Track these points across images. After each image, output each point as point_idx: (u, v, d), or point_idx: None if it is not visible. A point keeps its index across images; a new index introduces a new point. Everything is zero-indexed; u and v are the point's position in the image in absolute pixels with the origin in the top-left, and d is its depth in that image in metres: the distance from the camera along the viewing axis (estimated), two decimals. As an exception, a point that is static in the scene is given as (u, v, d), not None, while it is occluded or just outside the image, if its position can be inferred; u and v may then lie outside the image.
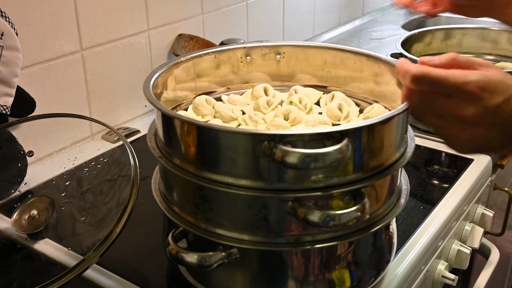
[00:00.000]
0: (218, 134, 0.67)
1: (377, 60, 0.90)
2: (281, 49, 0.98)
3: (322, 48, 0.96)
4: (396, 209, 0.78)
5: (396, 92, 0.86)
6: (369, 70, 0.92)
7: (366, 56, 0.91)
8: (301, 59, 0.98)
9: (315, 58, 0.97)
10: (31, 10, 1.07)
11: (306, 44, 0.97)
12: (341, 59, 0.95)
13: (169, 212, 0.77)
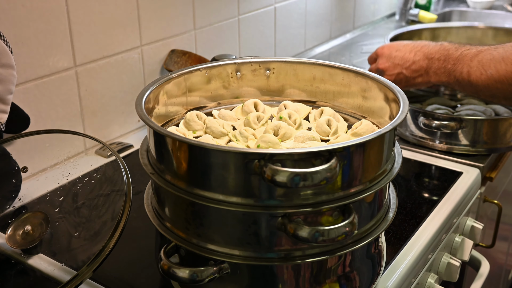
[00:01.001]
0: (209, 152, 0.68)
1: (365, 76, 0.92)
2: (271, 64, 0.99)
3: (311, 64, 0.98)
4: (385, 223, 0.79)
5: (384, 107, 0.88)
6: (357, 86, 0.93)
7: (354, 72, 0.93)
8: (290, 74, 0.99)
9: (304, 74, 0.98)
10: (26, 27, 1.09)
11: (295, 60, 0.99)
12: (330, 75, 0.96)
13: (161, 227, 0.79)
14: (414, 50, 1.24)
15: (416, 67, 1.23)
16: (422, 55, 1.22)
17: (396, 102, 0.82)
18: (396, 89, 0.84)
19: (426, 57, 1.21)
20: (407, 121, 1.32)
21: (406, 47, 1.26)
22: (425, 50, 1.22)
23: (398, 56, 1.25)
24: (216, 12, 1.55)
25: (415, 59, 1.23)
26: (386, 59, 1.28)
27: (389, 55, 1.27)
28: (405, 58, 1.24)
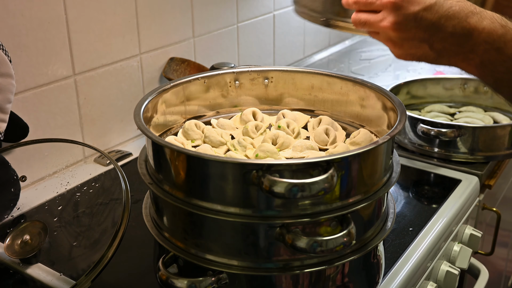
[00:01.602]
0: (207, 163, 0.68)
1: (363, 85, 0.92)
2: (269, 74, 1.00)
3: (309, 73, 0.98)
4: (383, 233, 0.79)
5: (382, 116, 0.88)
6: (355, 95, 0.94)
7: (352, 81, 0.93)
8: (288, 83, 1.00)
9: (302, 83, 0.99)
10: (25, 36, 1.09)
11: (293, 69, 0.99)
12: (328, 84, 0.97)
13: (159, 237, 0.79)
14: None
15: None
16: None
17: (394, 111, 0.82)
18: (394, 98, 0.84)
19: None
20: (406, 129, 1.32)
21: None
22: None
23: None
24: (215, 19, 1.55)
25: None
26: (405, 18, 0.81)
27: None
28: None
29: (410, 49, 0.79)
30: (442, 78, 1.52)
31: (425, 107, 1.48)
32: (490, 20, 0.75)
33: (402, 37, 0.78)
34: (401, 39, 0.79)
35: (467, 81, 1.51)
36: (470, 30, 0.75)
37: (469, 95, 1.51)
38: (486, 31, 0.74)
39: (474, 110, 1.45)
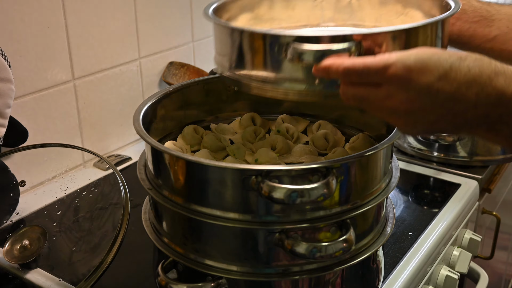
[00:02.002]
0: (206, 168, 0.68)
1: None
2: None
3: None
4: (383, 238, 0.79)
5: (381, 121, 0.88)
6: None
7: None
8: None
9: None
10: (24, 41, 1.09)
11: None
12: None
13: (158, 243, 0.79)
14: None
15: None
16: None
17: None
18: None
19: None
20: (405, 133, 1.32)
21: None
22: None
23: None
24: (214, 24, 1.55)
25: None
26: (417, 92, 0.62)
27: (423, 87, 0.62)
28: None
29: (424, 126, 0.64)
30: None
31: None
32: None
33: (415, 116, 0.62)
34: (413, 118, 0.63)
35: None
36: (497, 96, 0.59)
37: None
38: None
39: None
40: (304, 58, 0.65)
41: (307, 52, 0.65)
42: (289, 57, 0.66)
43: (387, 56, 0.61)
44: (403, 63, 0.60)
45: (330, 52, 0.64)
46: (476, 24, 1.01)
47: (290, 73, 0.69)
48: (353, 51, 0.65)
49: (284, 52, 0.67)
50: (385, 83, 0.61)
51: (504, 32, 1.02)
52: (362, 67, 0.62)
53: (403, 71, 0.60)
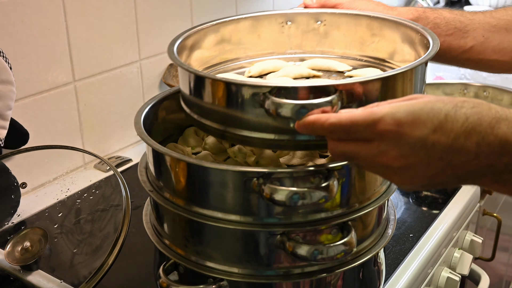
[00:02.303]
0: (207, 171, 0.68)
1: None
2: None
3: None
4: (384, 240, 0.79)
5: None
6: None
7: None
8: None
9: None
10: (25, 43, 1.09)
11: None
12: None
13: (160, 244, 0.79)
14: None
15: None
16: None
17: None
18: None
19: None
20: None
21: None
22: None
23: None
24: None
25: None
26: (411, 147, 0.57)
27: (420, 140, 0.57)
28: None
29: (423, 181, 0.58)
30: (442, 83, 1.52)
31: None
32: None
33: (412, 171, 0.57)
34: (410, 174, 0.58)
35: (467, 86, 1.51)
36: (501, 145, 0.54)
37: (469, 100, 1.50)
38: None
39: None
40: (283, 112, 0.64)
41: (286, 106, 0.63)
42: (266, 109, 0.65)
43: (375, 109, 0.57)
44: (393, 117, 0.56)
45: (313, 106, 0.63)
46: (450, 37, 1.00)
47: (268, 124, 0.68)
48: (335, 103, 0.64)
49: (260, 105, 0.66)
50: (375, 138, 0.57)
51: (480, 42, 1.00)
52: (350, 123, 0.57)
53: (394, 126, 0.56)
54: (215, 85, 0.71)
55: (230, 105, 0.70)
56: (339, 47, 0.97)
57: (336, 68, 0.93)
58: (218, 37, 0.93)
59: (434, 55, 0.74)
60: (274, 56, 0.98)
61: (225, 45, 0.94)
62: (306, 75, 0.90)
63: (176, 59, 0.77)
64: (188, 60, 0.88)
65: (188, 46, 0.87)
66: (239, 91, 0.68)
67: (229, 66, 0.96)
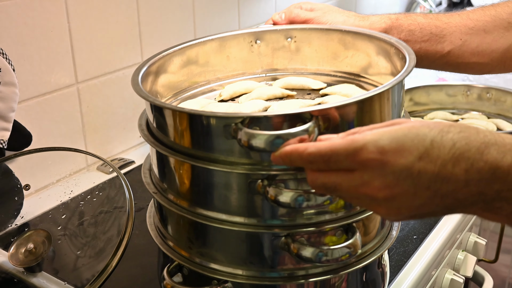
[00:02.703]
0: (212, 172, 0.68)
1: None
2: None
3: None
4: (388, 241, 0.79)
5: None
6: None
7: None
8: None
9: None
10: (28, 45, 1.09)
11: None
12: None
13: (164, 246, 0.78)
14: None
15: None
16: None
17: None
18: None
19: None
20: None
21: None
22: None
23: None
24: (217, 26, 1.55)
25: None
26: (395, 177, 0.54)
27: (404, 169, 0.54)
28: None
29: (410, 212, 0.55)
30: (445, 85, 1.52)
31: (428, 114, 1.48)
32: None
33: (397, 202, 0.54)
34: (396, 205, 0.54)
35: (470, 87, 1.51)
36: (491, 171, 0.51)
37: (472, 102, 1.51)
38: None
39: (477, 117, 1.45)
40: (256, 144, 0.61)
41: (259, 137, 0.60)
42: (238, 141, 0.62)
43: (357, 137, 0.54)
44: (376, 145, 0.52)
45: (288, 135, 0.60)
46: (426, 43, 0.97)
47: (241, 156, 0.66)
48: (311, 131, 0.61)
49: (232, 136, 0.64)
50: (358, 168, 0.54)
51: (458, 45, 0.98)
52: (330, 152, 0.54)
53: (377, 154, 0.52)
54: (179, 117, 0.69)
55: (197, 137, 0.68)
56: (312, 64, 0.96)
57: (310, 86, 0.91)
58: (185, 61, 0.91)
59: (410, 71, 0.72)
60: (245, 77, 0.96)
61: (193, 69, 0.92)
62: (279, 95, 0.89)
63: (140, 90, 0.73)
64: (154, 87, 0.85)
65: (153, 72, 0.85)
66: (208, 123, 0.66)
67: (199, 90, 0.94)
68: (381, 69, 0.87)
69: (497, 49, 0.98)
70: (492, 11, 1.00)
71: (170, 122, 0.70)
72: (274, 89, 0.89)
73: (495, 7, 1.01)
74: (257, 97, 0.87)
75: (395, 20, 0.98)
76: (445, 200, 0.53)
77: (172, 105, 0.71)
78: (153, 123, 0.75)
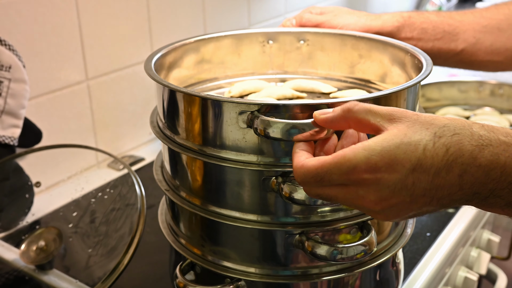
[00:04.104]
0: (224, 169, 0.68)
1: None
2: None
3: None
4: (403, 239, 0.78)
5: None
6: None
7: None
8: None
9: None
10: (38, 42, 1.09)
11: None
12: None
13: (176, 244, 0.78)
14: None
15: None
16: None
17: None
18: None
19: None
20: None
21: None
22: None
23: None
24: (227, 22, 1.55)
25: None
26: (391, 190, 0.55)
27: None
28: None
29: (408, 215, 0.56)
30: (457, 81, 1.51)
31: (440, 110, 1.47)
32: (507, 151, 0.52)
33: (395, 210, 0.55)
34: (393, 212, 0.55)
35: (482, 83, 1.49)
36: (485, 174, 0.52)
37: (485, 98, 1.49)
38: (510, 168, 0.52)
39: (490, 113, 1.44)
40: (272, 133, 0.60)
41: (276, 125, 0.60)
42: (255, 130, 0.62)
43: (348, 154, 0.53)
44: (368, 163, 0.52)
45: (304, 126, 0.59)
46: (440, 41, 0.97)
47: (255, 152, 0.65)
48: None
49: (248, 125, 0.64)
50: (352, 184, 0.54)
51: (472, 44, 0.97)
52: (322, 173, 0.54)
53: (370, 173, 0.53)
54: (195, 102, 0.68)
55: (212, 126, 0.67)
56: (323, 68, 0.95)
57: (321, 89, 0.91)
58: (197, 55, 0.90)
59: (428, 74, 0.71)
60: (254, 77, 0.95)
61: (204, 64, 0.91)
62: (289, 96, 0.88)
63: (154, 75, 0.73)
64: (166, 79, 0.85)
65: (166, 63, 0.84)
66: (223, 109, 0.65)
67: (208, 86, 0.93)
68: (394, 77, 0.86)
69: (511, 47, 0.98)
70: (506, 9, 0.99)
71: (182, 108, 0.69)
72: (285, 89, 0.88)
73: (508, 5, 1.00)
74: (267, 96, 0.86)
75: (408, 18, 0.97)
76: (442, 201, 0.54)
77: (186, 89, 0.71)
78: (165, 115, 0.74)
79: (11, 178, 1.04)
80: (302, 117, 0.62)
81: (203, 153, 0.68)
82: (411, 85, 0.68)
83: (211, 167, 0.69)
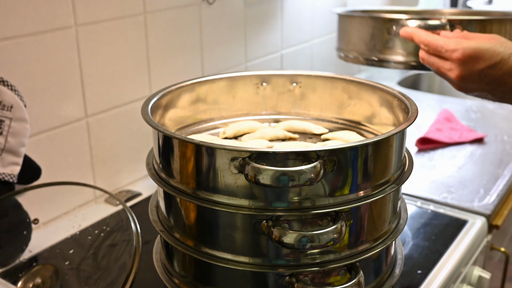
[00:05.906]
0: (217, 213, 0.70)
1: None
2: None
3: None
4: (391, 280, 0.80)
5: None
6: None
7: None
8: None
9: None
10: (38, 80, 1.11)
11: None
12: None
13: (170, 284, 0.80)
14: None
15: None
16: None
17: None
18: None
19: None
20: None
21: None
22: None
23: None
24: (224, 59, 1.58)
25: None
26: (469, 73, 0.90)
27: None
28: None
29: (472, 92, 0.91)
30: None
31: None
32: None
33: (466, 85, 0.89)
34: (464, 87, 0.90)
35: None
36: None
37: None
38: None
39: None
40: (262, 179, 0.63)
41: (266, 173, 0.63)
42: (245, 175, 0.65)
43: (457, 42, 0.88)
44: (464, 52, 0.86)
45: (294, 173, 0.63)
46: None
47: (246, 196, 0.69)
48: (317, 170, 0.64)
49: (239, 170, 0.66)
50: (450, 59, 0.89)
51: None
52: (440, 44, 0.90)
53: (464, 57, 0.87)
54: (189, 147, 0.71)
55: (204, 171, 0.70)
56: (315, 109, 0.99)
57: (312, 130, 0.94)
58: (193, 96, 0.94)
59: (414, 121, 0.75)
60: (248, 117, 0.99)
61: (200, 105, 0.96)
62: (282, 137, 0.92)
63: (150, 120, 0.77)
64: (162, 120, 0.88)
65: (163, 104, 0.88)
66: (216, 155, 0.68)
67: (203, 126, 0.97)
68: (383, 119, 0.90)
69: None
70: None
71: (177, 153, 0.72)
72: (277, 131, 0.91)
73: None
74: (260, 137, 0.89)
75: None
76: (497, 94, 0.89)
77: (180, 135, 0.73)
78: (160, 158, 0.76)
79: (10, 214, 1.06)
80: (291, 164, 0.65)
81: (196, 196, 0.70)
82: (398, 131, 0.71)
83: (204, 210, 0.71)
